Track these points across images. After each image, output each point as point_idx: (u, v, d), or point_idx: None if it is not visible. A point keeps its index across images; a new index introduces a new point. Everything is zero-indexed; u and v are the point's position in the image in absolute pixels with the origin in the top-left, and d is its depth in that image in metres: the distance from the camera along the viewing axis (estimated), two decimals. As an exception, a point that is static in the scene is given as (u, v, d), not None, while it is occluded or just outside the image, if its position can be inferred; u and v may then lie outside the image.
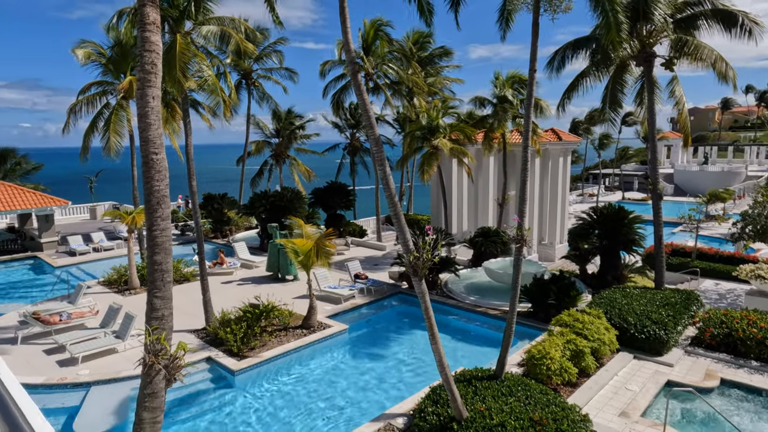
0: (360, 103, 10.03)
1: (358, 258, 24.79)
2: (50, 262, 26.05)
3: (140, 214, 20.37)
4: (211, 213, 31.44)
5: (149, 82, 6.15)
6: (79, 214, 39.04)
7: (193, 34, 15.59)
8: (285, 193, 28.16)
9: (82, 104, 22.28)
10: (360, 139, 41.44)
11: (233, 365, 14.16)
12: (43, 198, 27.71)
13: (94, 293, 20.29)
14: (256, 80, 36.85)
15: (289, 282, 22.36)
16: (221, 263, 23.70)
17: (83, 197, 42.44)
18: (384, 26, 27.25)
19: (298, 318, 17.32)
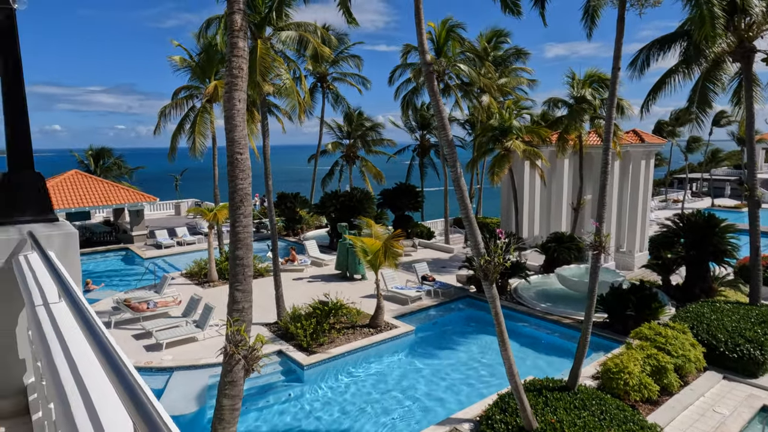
0: (433, 105, 10.00)
1: (425, 260, 24.74)
2: (139, 254, 28.15)
3: (220, 211, 21.53)
4: (284, 211, 32.59)
5: (236, 85, 6.49)
6: (165, 209, 41.88)
7: (273, 40, 16.25)
8: (355, 194, 28.64)
9: (171, 107, 23.88)
10: (430, 140, 41.33)
11: (303, 360, 14.58)
12: (135, 194, 30.00)
13: (177, 284, 21.66)
14: (330, 83, 37.77)
15: (357, 281, 22.71)
16: (293, 260, 24.51)
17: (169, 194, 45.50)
18: (456, 27, 26.98)
19: (366, 317, 17.54)
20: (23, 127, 3.93)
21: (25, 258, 3.69)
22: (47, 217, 3.97)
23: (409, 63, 28.89)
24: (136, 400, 1.32)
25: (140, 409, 1.27)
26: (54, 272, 2.67)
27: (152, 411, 1.28)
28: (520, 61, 35.23)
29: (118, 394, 1.43)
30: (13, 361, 3.96)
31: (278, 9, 15.57)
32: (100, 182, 30.22)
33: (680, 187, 59.90)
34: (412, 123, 40.93)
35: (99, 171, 39.96)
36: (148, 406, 1.29)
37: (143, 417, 1.24)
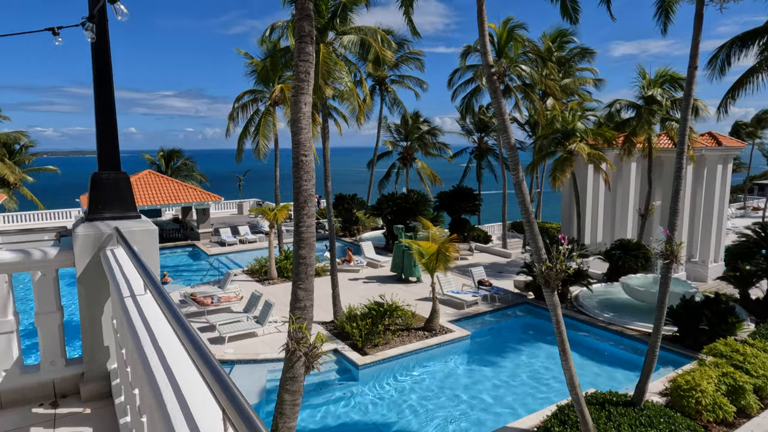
0: (495, 107, 9.84)
1: (481, 264, 24.35)
2: (205, 250, 29.50)
3: (281, 211, 22.19)
4: (341, 212, 33.12)
5: (302, 89, 6.67)
6: (228, 209, 43.68)
7: (335, 44, 16.57)
8: (411, 196, 28.66)
9: (238, 111, 24.89)
10: (488, 142, 40.70)
11: (358, 359, 14.73)
12: (202, 193, 31.49)
13: (239, 280, 22.51)
14: (389, 86, 38.05)
15: (412, 283, 22.69)
16: (349, 261, 24.84)
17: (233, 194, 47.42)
18: (518, 28, 26.42)
19: (420, 320, 17.49)
20: (111, 132, 4.23)
21: (111, 252, 3.97)
22: (131, 214, 4.25)
23: (468, 65, 28.59)
24: (224, 386, 1.38)
25: (229, 396, 1.33)
26: (140, 265, 2.85)
27: (240, 398, 1.33)
28: (586, 60, 33.97)
29: (208, 381, 1.50)
30: (98, 348, 4.26)
31: (341, 14, 15.86)
32: (170, 182, 31.96)
33: (761, 194, 55.46)
34: (469, 125, 40.52)
35: (170, 171, 42.27)
36: (236, 392, 1.35)
37: (233, 403, 1.30)
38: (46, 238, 16.23)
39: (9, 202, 37.25)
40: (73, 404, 4.13)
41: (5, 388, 4.07)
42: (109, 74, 4.12)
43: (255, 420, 1.24)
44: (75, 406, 4.10)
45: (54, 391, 4.22)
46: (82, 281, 4.11)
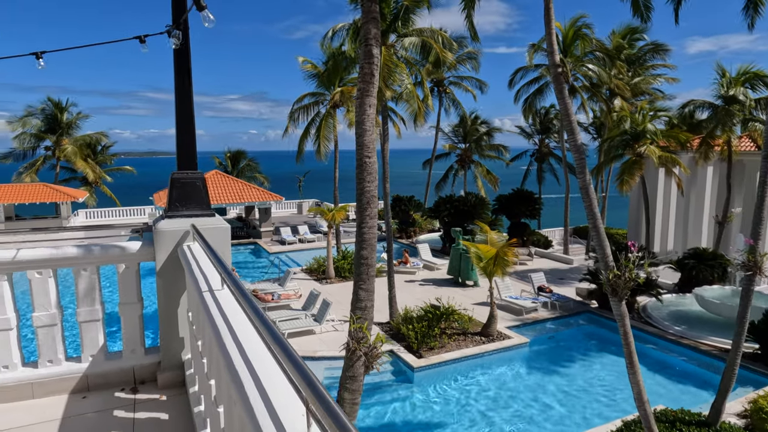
0: (561, 108, 9.54)
1: (541, 270, 23.63)
2: (266, 248, 30.48)
3: (339, 211, 22.55)
4: (398, 214, 33.21)
5: (368, 92, 6.75)
6: (289, 208, 44.92)
7: (396, 46, 16.65)
8: (469, 199, 28.30)
9: (299, 113, 25.55)
10: (549, 145, 39.53)
11: (413, 362, 14.69)
12: (264, 193, 32.57)
13: (298, 278, 23.06)
14: (447, 87, 37.81)
15: (469, 287, 22.39)
16: (405, 262, 24.86)
17: (293, 194, 48.72)
18: (585, 27, 25.48)
19: (477, 324, 17.22)
20: (190, 133, 4.45)
21: (188, 247, 4.17)
22: (206, 212, 4.46)
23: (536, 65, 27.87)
24: (308, 381, 1.40)
25: (313, 390, 1.35)
26: (218, 261, 2.98)
27: (324, 392, 1.35)
28: (658, 57, 32.17)
29: (291, 375, 1.54)
30: (174, 339, 4.49)
31: (403, 16, 15.92)
32: (235, 181, 33.29)
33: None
34: (530, 127, 39.53)
35: (235, 171, 44.02)
36: (320, 387, 1.37)
37: (317, 397, 1.32)
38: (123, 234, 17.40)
39: (90, 199, 40.14)
40: (151, 391, 4.37)
41: (92, 372, 4.38)
42: (189, 79, 4.34)
43: (340, 414, 1.25)
44: (152, 392, 4.34)
45: (134, 377, 4.49)
46: (161, 275, 4.35)
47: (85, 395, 4.31)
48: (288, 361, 1.53)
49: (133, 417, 3.98)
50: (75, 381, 4.34)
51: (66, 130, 40.57)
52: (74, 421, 3.94)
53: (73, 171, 42.13)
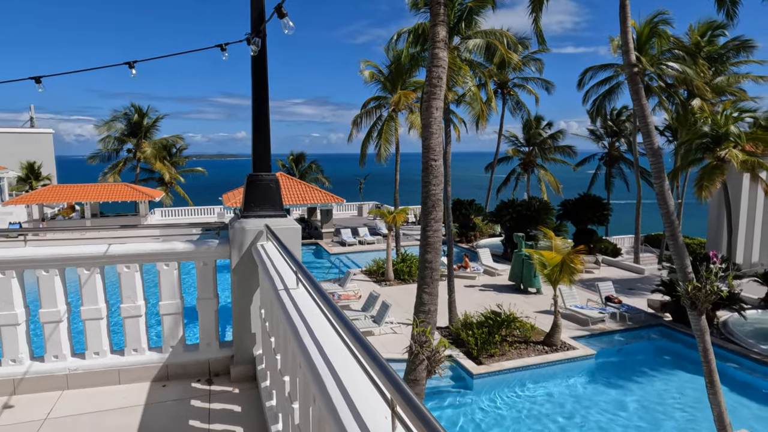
0: (637, 109, 9.09)
1: (609, 279, 22.57)
2: (327, 249, 31.09)
3: (399, 214, 22.62)
4: (458, 218, 32.85)
5: (434, 94, 6.73)
6: (349, 210, 45.60)
7: (460, 48, 16.51)
8: (533, 203, 27.53)
9: (362, 117, 25.92)
10: (619, 148, 37.75)
11: (473, 368, 14.46)
12: (326, 195, 33.27)
13: (357, 280, 23.34)
14: (511, 89, 37.04)
15: (531, 294, 21.77)
16: (465, 267, 24.54)
17: (353, 196, 49.40)
18: (662, 23, 24.12)
19: (540, 333, 16.69)
20: (265, 137, 4.62)
21: (261, 246, 4.33)
22: (279, 213, 4.61)
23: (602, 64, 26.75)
24: (392, 380, 1.39)
25: (398, 389, 1.34)
26: (293, 261, 3.07)
27: (409, 391, 1.34)
28: (744, 53, 29.83)
29: (375, 374, 1.54)
30: (246, 335, 4.67)
31: (467, 18, 15.76)
32: (299, 183, 34.22)
33: None
34: (599, 130, 37.97)
35: (298, 173, 45.28)
36: (404, 386, 1.36)
37: (402, 396, 1.31)
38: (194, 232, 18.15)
39: (166, 198, 42.68)
40: (224, 383, 4.56)
41: (171, 362, 4.64)
42: (266, 84, 4.51)
43: (426, 414, 1.24)
44: (226, 385, 4.53)
45: (209, 369, 4.71)
46: (235, 272, 4.54)
47: (165, 384, 4.57)
48: (372, 361, 1.53)
49: (209, 407, 4.17)
50: (156, 370, 4.61)
51: (146, 133, 43.46)
52: (155, 408, 4.18)
53: (150, 172, 45.04)
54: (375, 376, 1.60)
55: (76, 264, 4.38)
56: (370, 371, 1.68)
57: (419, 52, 16.42)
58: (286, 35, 4.07)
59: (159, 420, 3.99)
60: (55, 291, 4.37)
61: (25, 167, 51.73)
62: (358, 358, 1.84)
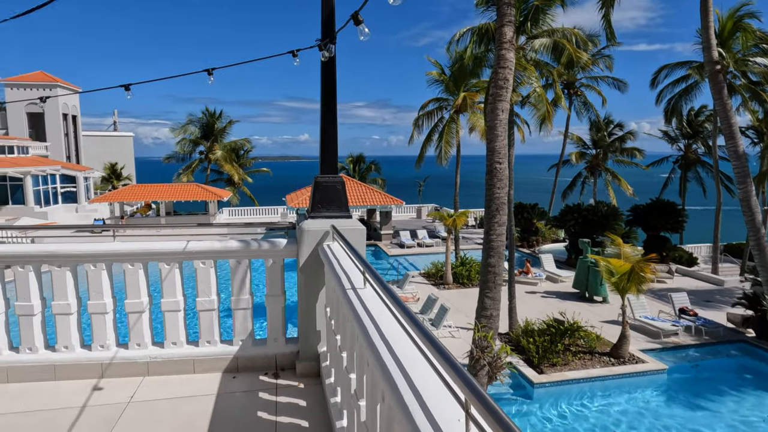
0: (719, 109, 8.51)
1: (683, 289, 21.23)
2: (386, 251, 31.30)
3: (459, 217, 22.40)
4: (520, 222, 32.09)
5: (500, 96, 6.63)
6: (408, 212, 45.69)
7: (525, 48, 16.14)
8: (600, 208, 26.41)
9: (423, 119, 25.91)
10: (697, 151, 35.45)
11: (533, 377, 14.06)
12: (386, 197, 33.51)
13: (415, 282, 23.34)
14: (578, 89, 35.74)
15: (596, 303, 20.88)
16: (527, 272, 23.92)
17: (412, 198, 49.45)
18: (748, 17, 22.41)
19: (606, 344, 15.98)
20: (333, 140, 4.75)
21: (328, 246, 4.44)
22: (345, 214, 4.72)
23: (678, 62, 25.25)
24: (466, 381, 1.40)
25: (473, 390, 1.35)
26: (360, 261, 3.13)
27: (485, 393, 1.34)
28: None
29: (449, 377, 1.56)
30: (311, 332, 4.81)
31: (533, 17, 15.38)
32: (359, 185, 34.70)
33: None
34: (674, 131, 35.87)
35: (357, 175, 45.93)
36: (479, 387, 1.36)
37: (477, 397, 1.32)
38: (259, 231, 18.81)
39: (233, 198, 44.65)
40: (290, 378, 4.72)
41: (241, 355, 4.86)
42: (334, 89, 4.63)
43: (504, 417, 1.23)
44: (291, 379, 4.69)
45: (276, 363, 4.89)
46: (302, 271, 4.68)
47: (235, 375, 4.79)
48: (445, 362, 1.55)
49: (276, 400, 4.32)
50: (227, 361, 4.85)
51: (217, 136, 45.72)
52: (225, 398, 4.39)
53: (220, 173, 47.31)
54: (448, 377, 1.61)
55: (158, 259, 4.69)
56: (442, 372, 1.69)
57: (484, 53, 16.18)
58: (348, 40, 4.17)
59: (230, 409, 4.19)
60: (139, 283, 4.70)
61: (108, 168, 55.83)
62: (429, 358, 1.85)
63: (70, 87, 51.42)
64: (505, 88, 6.54)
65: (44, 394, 4.40)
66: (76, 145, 54.76)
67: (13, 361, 4.61)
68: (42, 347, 4.74)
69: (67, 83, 51.48)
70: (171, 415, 4.10)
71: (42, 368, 4.63)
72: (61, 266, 4.61)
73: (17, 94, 48.17)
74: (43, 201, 40.88)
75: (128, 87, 5.08)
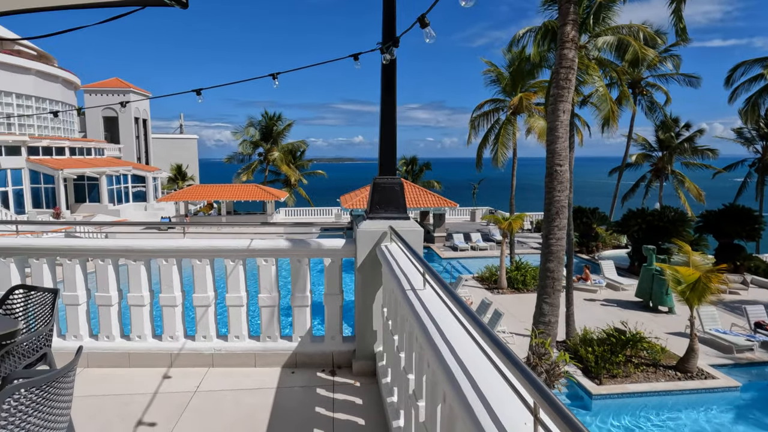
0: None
1: (760, 302, 19.76)
2: (439, 254, 31.11)
3: (516, 220, 21.93)
4: (579, 226, 30.98)
5: (561, 97, 6.45)
6: (461, 215, 45.22)
7: (588, 46, 15.59)
8: (666, 213, 25.07)
9: (479, 120, 25.58)
10: (777, 153, 32.91)
11: (592, 388, 13.54)
12: (439, 199, 33.32)
13: (468, 286, 23.06)
14: (644, 88, 34.09)
15: (661, 314, 19.84)
16: (585, 279, 23.09)
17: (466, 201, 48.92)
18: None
19: (671, 357, 15.15)
20: (392, 142, 4.79)
21: (385, 247, 4.49)
22: (403, 215, 4.75)
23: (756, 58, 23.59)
24: (534, 384, 1.38)
25: (546, 398, 1.32)
26: (420, 261, 3.15)
27: (554, 396, 1.32)
28: None
29: (516, 380, 1.54)
30: (368, 331, 4.87)
31: (596, 14, 14.83)
32: (413, 187, 34.70)
33: None
34: (750, 132, 33.52)
35: (411, 177, 45.95)
36: (548, 391, 1.34)
37: (551, 405, 1.29)
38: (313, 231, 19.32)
39: (289, 199, 45.88)
40: (346, 376, 4.80)
41: (300, 351, 5.00)
42: (394, 91, 4.67)
43: (576, 422, 1.21)
44: (348, 377, 4.77)
45: (332, 361, 4.99)
46: (360, 271, 4.75)
47: (294, 371, 4.92)
48: (512, 365, 1.53)
49: (333, 397, 4.41)
50: (286, 357, 4.99)
51: (276, 138, 47.22)
52: (285, 392, 4.53)
53: (277, 174, 48.77)
54: (514, 380, 1.59)
55: (224, 255, 4.91)
56: (508, 374, 1.68)
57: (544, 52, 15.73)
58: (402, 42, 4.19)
59: (289, 404, 4.31)
60: (206, 278, 4.94)
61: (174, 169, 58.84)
62: (493, 360, 1.84)
63: (141, 92, 54.66)
64: (567, 88, 6.35)
65: (120, 379, 4.71)
66: (146, 147, 58.10)
67: (92, 347, 4.96)
68: (118, 336, 5.07)
69: (139, 89, 54.75)
70: (234, 406, 4.27)
71: (118, 355, 4.95)
72: (137, 260, 4.91)
73: (95, 99, 51.71)
74: (116, 199, 43.68)
75: (199, 92, 5.37)
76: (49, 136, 41.64)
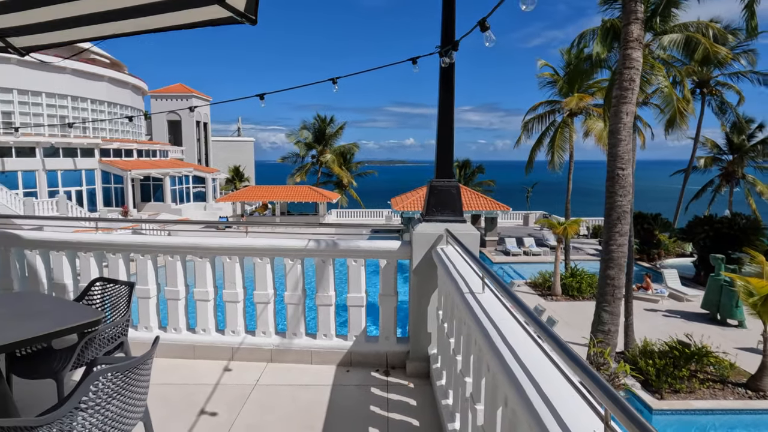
0: None
1: None
2: (490, 258, 30.64)
3: (571, 225, 21.28)
4: (639, 233, 29.65)
5: (625, 98, 6.23)
6: (514, 219, 44.34)
7: (653, 45, 14.93)
8: (737, 220, 23.57)
9: (534, 122, 25.03)
10: None
11: (652, 402, 12.93)
12: (492, 203, 32.83)
13: (520, 292, 22.58)
14: (713, 88, 32.21)
15: (730, 327, 18.67)
16: (646, 288, 22.08)
17: (519, 205, 47.91)
18: None
19: (741, 374, 14.23)
20: (449, 144, 4.79)
21: (441, 250, 4.49)
22: (459, 218, 4.74)
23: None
24: (609, 393, 1.36)
25: (618, 404, 1.30)
26: (478, 265, 3.14)
27: (626, 403, 1.30)
28: None
29: (585, 386, 1.53)
30: (422, 333, 4.89)
31: (662, 11, 14.18)
32: (464, 190, 34.38)
33: None
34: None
35: (463, 180, 45.53)
36: (620, 397, 1.32)
37: (624, 412, 1.27)
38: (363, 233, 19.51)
39: (341, 201, 46.61)
40: (400, 376, 4.84)
41: (354, 350, 5.08)
42: (452, 95, 4.68)
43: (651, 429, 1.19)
44: (401, 378, 4.80)
45: (386, 361, 5.04)
46: (415, 273, 4.78)
47: (348, 369, 5.01)
48: (581, 371, 1.51)
49: (387, 396, 4.46)
50: (341, 355, 5.09)
51: (328, 141, 48.13)
52: (339, 389, 4.62)
53: (329, 175, 49.64)
54: (583, 387, 1.57)
55: (284, 254, 5.07)
56: (575, 380, 1.66)
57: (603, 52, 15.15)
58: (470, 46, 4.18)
59: (344, 401, 4.40)
60: (266, 276, 5.12)
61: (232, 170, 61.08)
62: (559, 365, 1.82)
63: (203, 97, 57.17)
64: (631, 90, 6.10)
65: (185, 369, 4.96)
66: (206, 150, 60.68)
67: (161, 338, 5.24)
68: (184, 328, 5.35)
69: (201, 93, 57.30)
70: (291, 402, 4.40)
71: (184, 347, 5.22)
72: (203, 257, 5.17)
73: (160, 104, 54.57)
74: (178, 199, 45.90)
75: (262, 96, 5.59)
76: (119, 139, 44.35)
